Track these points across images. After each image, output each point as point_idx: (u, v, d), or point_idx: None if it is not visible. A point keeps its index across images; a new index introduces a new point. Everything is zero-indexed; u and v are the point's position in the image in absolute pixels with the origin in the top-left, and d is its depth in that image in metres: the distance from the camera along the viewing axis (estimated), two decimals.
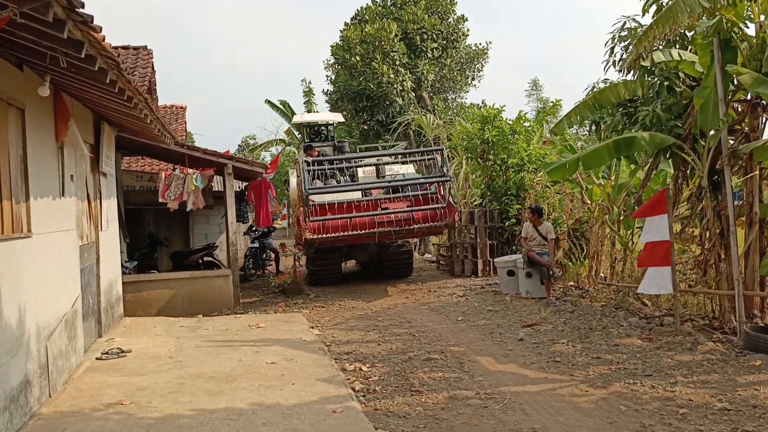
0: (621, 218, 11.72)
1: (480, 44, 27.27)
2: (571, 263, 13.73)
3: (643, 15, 9.73)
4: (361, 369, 7.17)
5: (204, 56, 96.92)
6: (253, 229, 16.75)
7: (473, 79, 27.83)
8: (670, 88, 8.86)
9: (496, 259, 12.31)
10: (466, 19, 25.92)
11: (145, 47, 14.35)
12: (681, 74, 9.15)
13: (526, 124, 14.39)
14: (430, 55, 24.83)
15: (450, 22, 25.66)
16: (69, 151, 7.12)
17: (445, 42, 25.34)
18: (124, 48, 14.16)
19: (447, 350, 7.90)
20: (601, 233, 12.37)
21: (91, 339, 8.26)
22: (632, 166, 11.49)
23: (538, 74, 65.80)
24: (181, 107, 22.81)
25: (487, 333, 8.82)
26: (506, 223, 14.18)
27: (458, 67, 26.71)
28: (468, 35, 26.16)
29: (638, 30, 9.69)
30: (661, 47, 8.77)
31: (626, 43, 9.66)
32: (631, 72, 9.66)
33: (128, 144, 11.36)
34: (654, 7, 9.28)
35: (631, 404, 5.63)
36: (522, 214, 13.95)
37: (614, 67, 9.78)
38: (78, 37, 3.92)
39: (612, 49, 10.05)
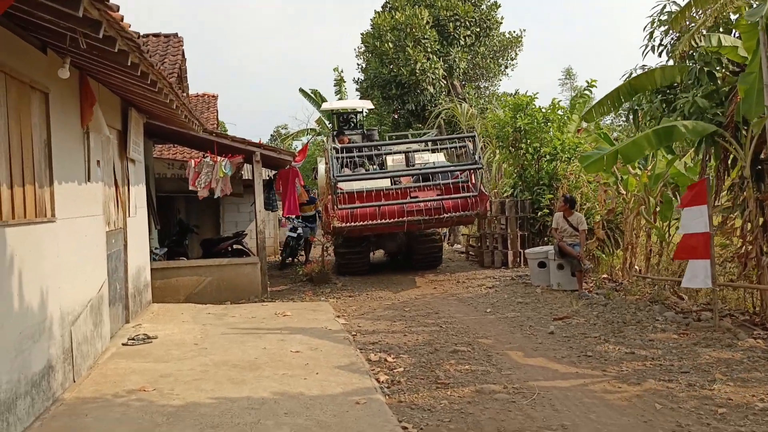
0: (657, 209, 11.37)
1: (514, 32, 26.78)
2: (604, 255, 13.40)
3: None
4: (386, 360, 7.04)
5: (237, 46, 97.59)
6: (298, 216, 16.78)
7: (506, 67, 27.35)
8: (710, 74, 8.49)
9: (527, 251, 12.03)
10: (500, 6, 25.41)
11: (175, 35, 14.36)
12: (723, 60, 8.76)
13: (560, 112, 14.00)
14: (462, 43, 24.42)
15: (483, 9, 25.19)
16: (95, 137, 7.10)
17: (478, 29, 24.87)
18: (155, 36, 14.19)
19: (474, 342, 7.72)
20: (636, 225, 12.01)
21: (118, 324, 8.28)
22: (669, 156, 11.13)
23: (571, 64, 64.39)
24: (213, 96, 22.91)
25: (517, 325, 8.60)
26: (538, 214, 13.87)
27: (491, 55, 26.25)
28: (502, 22, 25.64)
29: (677, 14, 9.33)
30: (703, 32, 8.40)
31: (666, 27, 9.30)
32: (670, 58, 9.31)
33: (158, 131, 11.39)
34: None
35: (666, 402, 5.38)
36: (554, 204, 13.63)
37: (653, 52, 9.43)
38: (95, 16, 3.83)
39: (651, 33, 9.70)
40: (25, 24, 4.79)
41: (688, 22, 8.38)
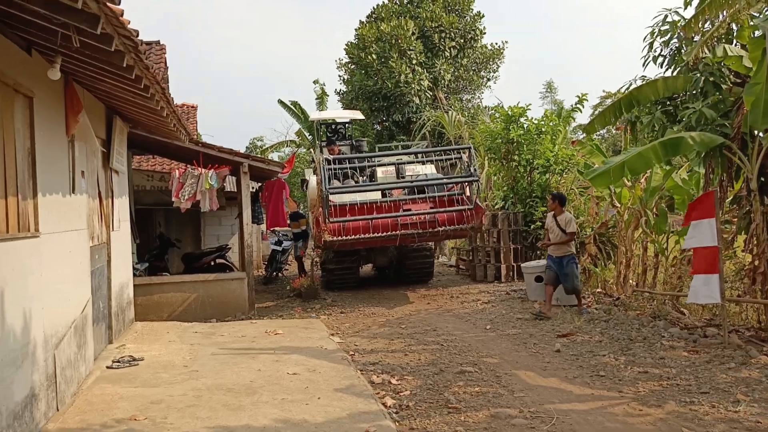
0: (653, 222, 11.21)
1: (496, 44, 26.76)
2: (596, 269, 13.20)
3: (686, 8, 9.26)
4: (390, 382, 6.66)
5: (211, 57, 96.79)
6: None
7: (489, 80, 27.32)
8: (716, 85, 8.34)
9: (523, 264, 11.75)
10: (483, 16, 25.38)
11: (158, 42, 13.90)
12: (725, 70, 8.64)
13: (552, 123, 13.82)
14: (447, 54, 24.29)
15: (467, 20, 25.12)
16: (80, 146, 6.67)
17: (462, 40, 24.78)
18: None
19: (480, 362, 7.39)
20: (630, 238, 11.84)
21: (101, 345, 7.80)
22: (666, 168, 10.99)
23: (551, 76, 64.79)
24: (192, 106, 22.35)
25: (520, 343, 8.29)
26: (531, 227, 13.64)
27: (474, 68, 26.18)
28: (485, 33, 25.59)
29: (679, 23, 9.21)
30: (709, 43, 8.26)
31: (667, 37, 9.16)
32: (677, 66, 9.16)
33: (140, 142, 10.91)
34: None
35: (693, 426, 5.10)
36: (546, 217, 13.41)
37: (654, 62, 9.28)
38: (93, 9, 3.45)
39: (651, 44, 9.56)
40: (9, 20, 4.38)
41: (693, 35, 8.23)
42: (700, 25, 7.41)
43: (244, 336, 8.97)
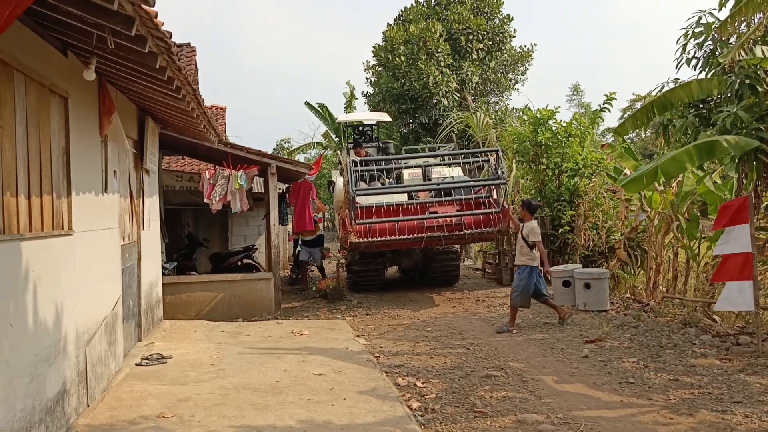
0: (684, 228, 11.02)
1: (525, 46, 26.56)
2: (625, 274, 13.02)
3: (720, 9, 9.09)
4: (415, 384, 6.64)
5: (240, 59, 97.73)
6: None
7: (517, 82, 27.13)
8: (752, 88, 8.16)
9: (551, 269, 11.57)
10: (513, 19, 25.20)
11: (188, 44, 14.09)
12: (761, 73, 8.45)
13: (582, 126, 13.63)
14: (475, 56, 24.18)
15: (496, 23, 24.98)
16: (112, 146, 6.77)
17: (491, 42, 24.64)
18: None
19: (506, 366, 7.32)
20: (660, 243, 11.65)
21: (130, 343, 7.91)
22: (699, 173, 10.79)
23: (578, 80, 63.97)
24: (221, 108, 22.59)
25: (548, 348, 8.20)
26: (558, 231, 13.49)
27: (502, 70, 26.02)
28: (514, 36, 25.41)
29: (714, 24, 9.04)
30: (746, 45, 8.09)
31: (701, 39, 8.99)
32: (706, 71, 9.01)
33: (170, 142, 11.06)
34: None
35: None
36: (575, 221, 13.26)
37: (688, 65, 9.12)
38: (128, 11, 3.50)
39: (684, 46, 9.40)
40: (46, 23, 4.47)
41: (728, 36, 8.07)
42: (735, 26, 7.25)
43: (270, 336, 9.02)
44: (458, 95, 23.06)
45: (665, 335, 8.52)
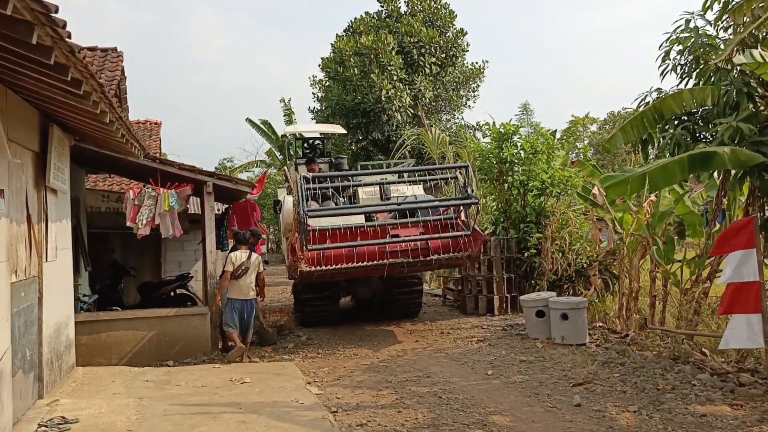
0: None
1: (476, 63, 25.90)
2: (597, 301, 12.11)
3: (705, 13, 8.35)
4: None
5: (182, 77, 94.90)
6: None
7: (468, 99, 26.42)
8: (749, 96, 7.36)
9: (522, 297, 10.49)
10: (466, 33, 24.47)
11: (114, 49, 12.59)
12: (753, 81, 7.68)
13: (547, 141, 12.76)
14: (428, 71, 23.27)
15: (449, 36, 24.20)
16: None
17: (444, 56, 23.80)
18: (91, 50, 12.38)
19: (489, 421, 6.14)
20: (635, 268, 10.78)
21: (27, 402, 6.37)
22: (679, 190, 10.00)
23: (527, 99, 64.30)
24: (156, 123, 20.97)
25: (532, 394, 7.07)
26: (525, 254, 12.50)
27: (453, 87, 25.25)
28: (468, 50, 24.69)
29: (699, 31, 8.30)
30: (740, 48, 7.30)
31: (690, 44, 8.20)
32: (696, 79, 8.22)
33: (91, 157, 9.53)
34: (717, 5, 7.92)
35: None
36: (542, 243, 12.30)
37: (675, 72, 8.31)
38: None
39: (667, 52, 8.61)
40: None
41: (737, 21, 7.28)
42: (753, 11, 6.46)
43: (204, 386, 7.59)
44: (411, 111, 22.06)
45: (659, 374, 7.55)
